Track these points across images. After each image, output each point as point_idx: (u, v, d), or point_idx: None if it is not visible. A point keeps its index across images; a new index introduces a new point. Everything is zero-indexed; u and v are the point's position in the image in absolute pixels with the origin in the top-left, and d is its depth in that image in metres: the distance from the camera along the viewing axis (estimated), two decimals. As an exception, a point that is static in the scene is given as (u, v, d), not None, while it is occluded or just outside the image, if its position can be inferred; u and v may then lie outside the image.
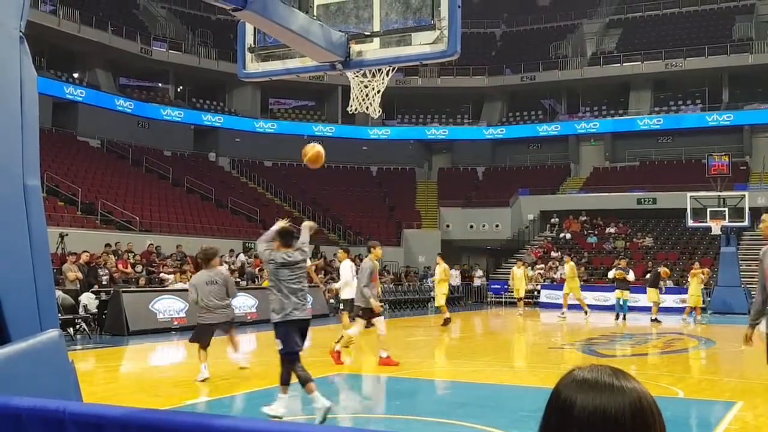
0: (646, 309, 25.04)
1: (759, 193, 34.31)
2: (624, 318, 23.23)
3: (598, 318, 25.31)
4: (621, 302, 23.60)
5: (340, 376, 11.44)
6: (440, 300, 21.04)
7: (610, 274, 24.48)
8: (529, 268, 29.74)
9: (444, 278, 21.36)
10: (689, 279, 24.47)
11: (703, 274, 24.16)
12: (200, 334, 10.33)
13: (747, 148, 40.30)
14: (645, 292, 25.06)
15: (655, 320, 22.88)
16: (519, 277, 26.91)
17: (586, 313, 24.40)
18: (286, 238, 8.05)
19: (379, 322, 11.81)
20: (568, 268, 25.07)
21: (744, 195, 29.88)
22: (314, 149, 7.48)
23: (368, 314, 11.79)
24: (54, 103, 34.16)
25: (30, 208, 3.84)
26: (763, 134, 40.40)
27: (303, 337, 7.85)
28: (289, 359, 7.65)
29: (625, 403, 1.25)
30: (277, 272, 7.78)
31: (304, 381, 7.57)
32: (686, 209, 29.99)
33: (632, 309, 25.35)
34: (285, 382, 7.70)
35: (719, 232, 29.66)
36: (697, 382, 11.12)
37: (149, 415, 2.92)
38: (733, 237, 30.33)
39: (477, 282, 35.07)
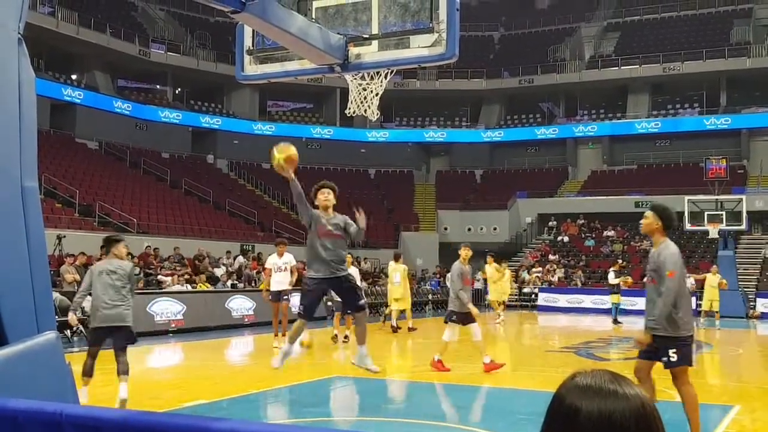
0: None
1: (756, 197, 34.37)
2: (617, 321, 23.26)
3: (595, 321, 25.31)
4: (617, 306, 23.61)
5: (339, 379, 11.43)
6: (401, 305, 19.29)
7: (614, 280, 23.61)
8: (506, 267, 26.07)
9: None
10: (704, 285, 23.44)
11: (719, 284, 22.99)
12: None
13: (744, 151, 40.35)
14: (642, 296, 25.05)
15: None
16: (488, 276, 23.65)
17: (499, 315, 23.19)
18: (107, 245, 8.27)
19: (474, 327, 11.69)
20: (491, 270, 23.11)
21: (741, 198, 29.92)
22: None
23: (462, 318, 11.69)
24: (52, 105, 34.14)
25: (27, 209, 3.84)
26: (761, 138, 40.46)
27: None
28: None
29: (629, 408, 1.26)
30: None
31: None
32: (684, 213, 30.02)
33: (630, 312, 25.34)
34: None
35: (717, 236, 29.69)
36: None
37: (147, 418, 2.92)
38: (730, 240, 30.37)
39: (477, 285, 35.01)
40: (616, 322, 23.21)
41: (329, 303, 16.08)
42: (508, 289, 25.11)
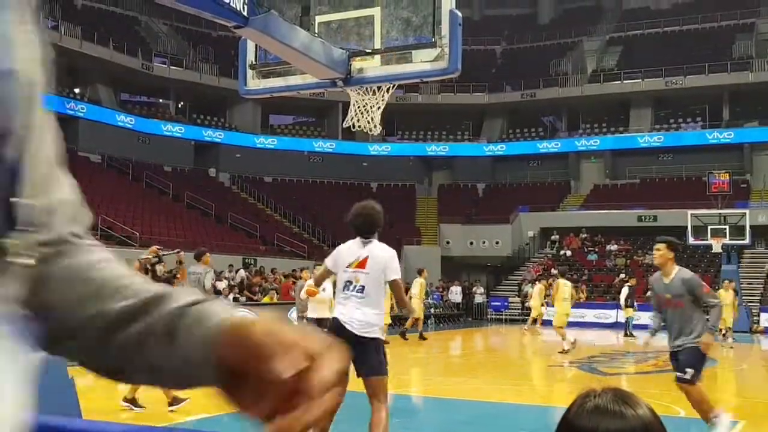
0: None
1: (760, 211, 34.28)
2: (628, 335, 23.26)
3: (599, 336, 25.24)
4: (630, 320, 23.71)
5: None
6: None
7: (622, 298, 23.93)
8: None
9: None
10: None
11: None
12: None
13: (747, 165, 40.33)
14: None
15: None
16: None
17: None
18: None
19: None
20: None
21: (745, 213, 29.89)
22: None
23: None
24: (55, 119, 34.19)
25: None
26: (764, 152, 40.43)
27: None
28: None
29: (632, 428, 1.27)
30: None
31: None
32: (687, 227, 29.98)
33: (635, 327, 25.27)
34: None
35: (720, 250, 29.63)
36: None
37: (148, 433, 2.90)
38: (734, 255, 30.32)
39: (478, 299, 34.98)
40: (630, 335, 23.11)
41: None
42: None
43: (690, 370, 7.06)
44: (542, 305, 23.85)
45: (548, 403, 9.79)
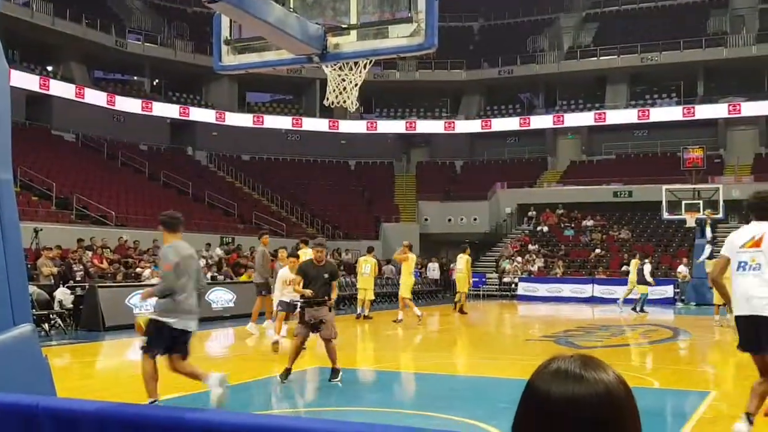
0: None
1: (733, 186, 34.65)
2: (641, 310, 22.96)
3: (575, 310, 25.47)
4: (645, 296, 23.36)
5: (319, 369, 11.41)
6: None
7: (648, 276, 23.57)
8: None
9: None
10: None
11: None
12: None
13: (721, 141, 40.68)
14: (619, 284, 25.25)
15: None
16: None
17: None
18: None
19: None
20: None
21: (718, 187, 30.18)
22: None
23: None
24: (28, 97, 33.74)
25: (2, 202, 3.80)
26: (737, 128, 40.81)
27: None
28: None
29: (595, 393, 1.27)
30: None
31: None
32: (662, 202, 30.26)
33: (607, 301, 25.46)
34: None
35: (694, 225, 29.95)
36: (672, 373, 11.23)
37: (124, 410, 2.90)
38: (707, 229, 30.62)
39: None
40: (641, 311, 22.88)
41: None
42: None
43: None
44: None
45: (524, 377, 9.90)
